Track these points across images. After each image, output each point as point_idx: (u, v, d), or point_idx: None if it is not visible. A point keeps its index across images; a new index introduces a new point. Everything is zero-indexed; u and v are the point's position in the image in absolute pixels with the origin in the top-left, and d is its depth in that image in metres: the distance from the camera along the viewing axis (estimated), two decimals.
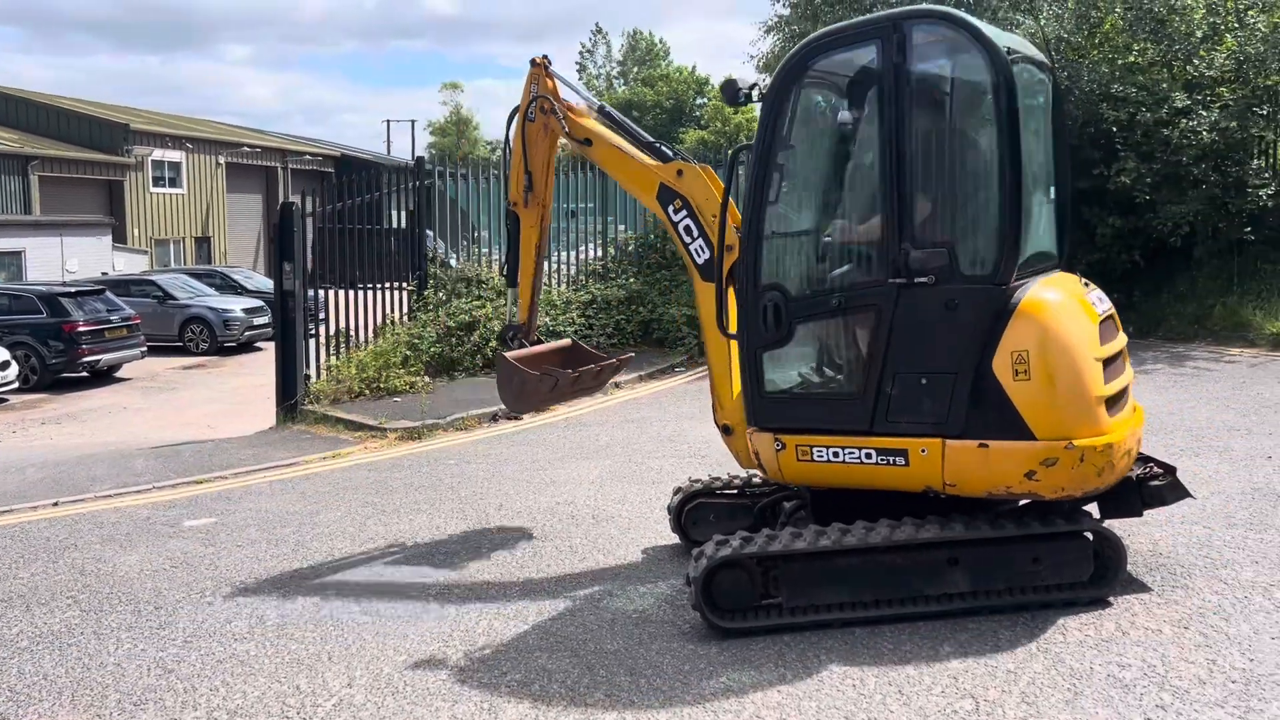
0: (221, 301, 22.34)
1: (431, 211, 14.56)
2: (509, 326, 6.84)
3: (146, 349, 18.73)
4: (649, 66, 72.48)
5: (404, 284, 13.94)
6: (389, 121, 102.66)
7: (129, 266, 29.95)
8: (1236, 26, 14.26)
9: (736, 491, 6.09)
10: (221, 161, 37.79)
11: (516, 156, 6.58)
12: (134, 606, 5.74)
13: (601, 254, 15.79)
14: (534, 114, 6.42)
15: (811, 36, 5.25)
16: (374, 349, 12.72)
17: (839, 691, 4.25)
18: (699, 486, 6.10)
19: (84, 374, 17.49)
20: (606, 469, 8.40)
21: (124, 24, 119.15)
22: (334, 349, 12.74)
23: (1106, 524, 5.02)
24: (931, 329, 4.78)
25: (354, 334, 12.95)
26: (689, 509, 6.07)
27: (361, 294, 13.05)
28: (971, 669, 4.37)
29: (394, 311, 13.51)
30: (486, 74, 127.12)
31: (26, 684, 4.79)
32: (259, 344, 21.32)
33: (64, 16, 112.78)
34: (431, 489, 8.11)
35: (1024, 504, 5.10)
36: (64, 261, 28.22)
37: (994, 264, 4.74)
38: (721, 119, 54.18)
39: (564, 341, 7.21)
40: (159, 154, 34.81)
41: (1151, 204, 13.88)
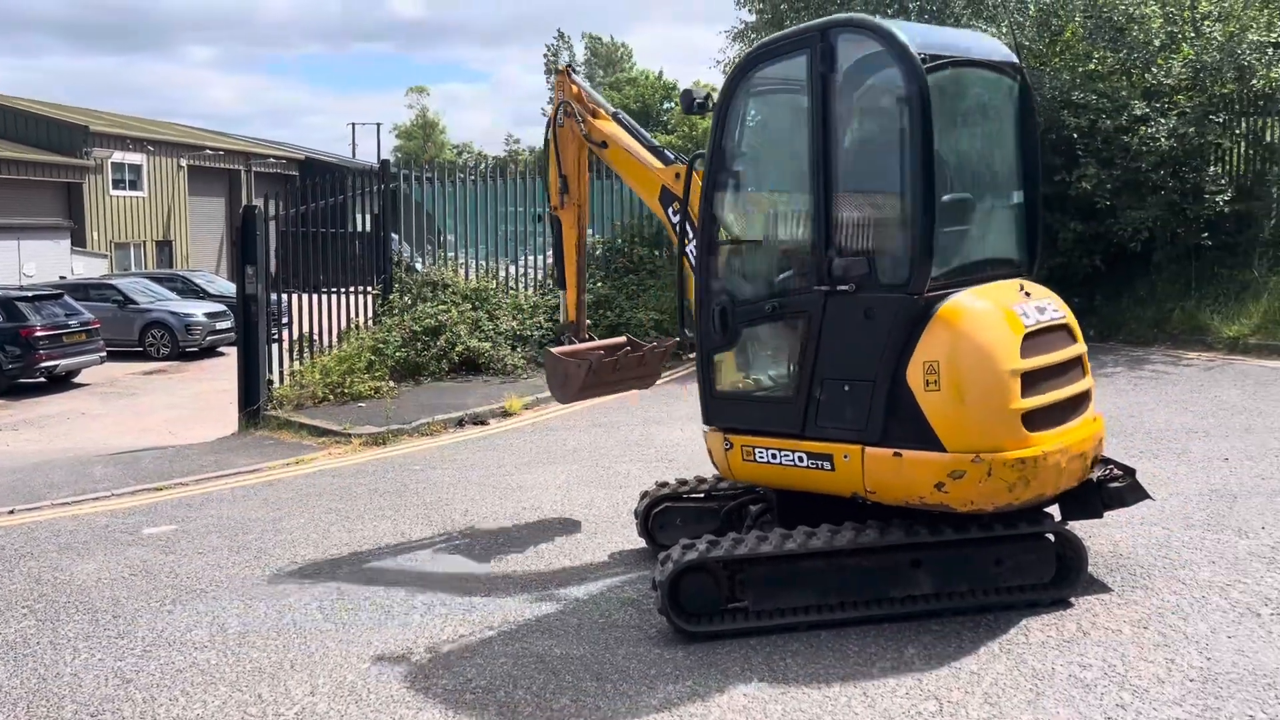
0: (183, 306, 22.03)
1: (397, 215, 14.47)
2: (563, 326, 7.30)
3: (106, 354, 18.43)
4: (613, 71, 72.54)
5: (369, 288, 13.84)
6: (354, 125, 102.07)
7: (88, 270, 29.47)
8: (1193, 35, 14.51)
9: (703, 495, 6.09)
10: (183, 164, 37.33)
11: (551, 161, 6.88)
12: (91, 615, 5.65)
13: None
14: (562, 119, 6.68)
15: (753, 48, 5.37)
16: (338, 354, 12.61)
17: (804, 694, 4.26)
18: (665, 491, 6.10)
19: (41, 380, 17.18)
20: (573, 474, 8.38)
21: (82, 24, 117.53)
22: (297, 354, 12.62)
23: (1068, 526, 5.07)
24: (853, 336, 4.84)
25: (318, 339, 12.83)
26: (656, 513, 6.07)
27: (326, 298, 12.94)
28: (935, 670, 4.40)
29: (359, 316, 13.40)
30: (452, 77, 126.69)
31: None
32: (221, 349, 21.05)
33: (20, 16, 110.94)
34: (396, 495, 8.05)
35: None
36: (21, 265, 27.73)
37: (907, 273, 4.74)
38: (688, 124, 54.30)
39: (618, 339, 7.27)
40: (119, 156, 34.32)
41: (1112, 209, 14.08)
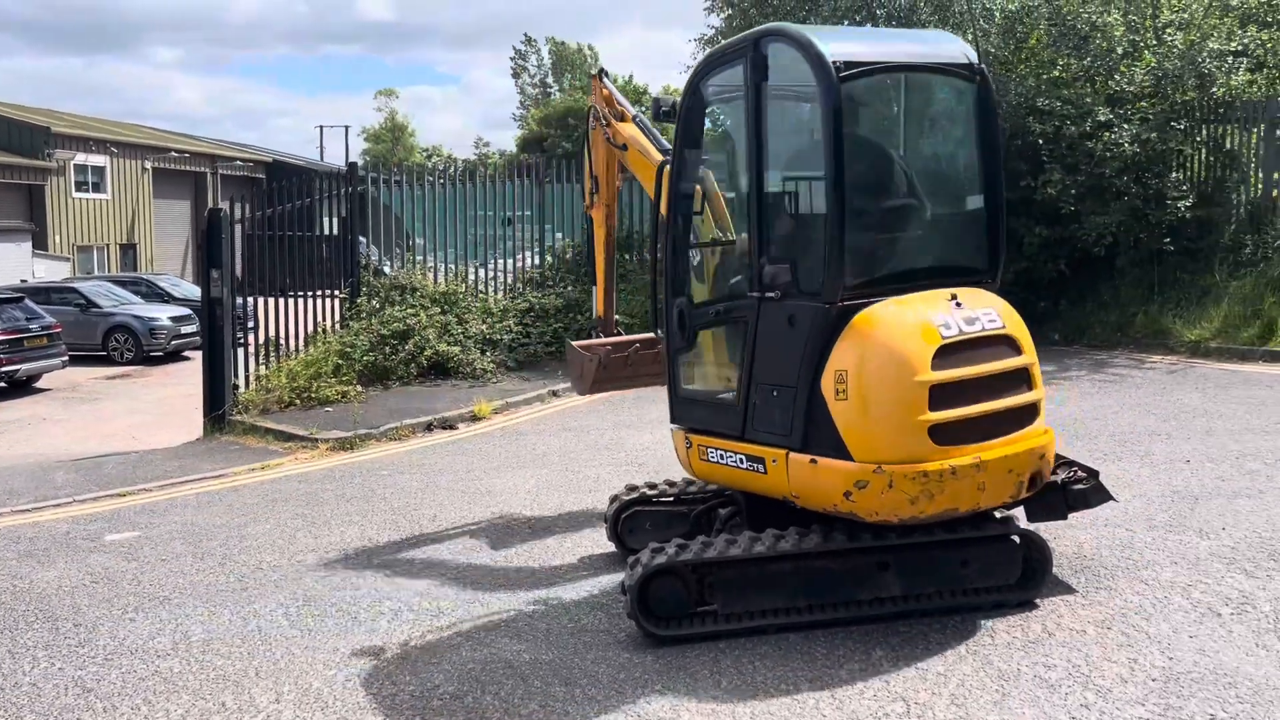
0: (147, 310, 21.76)
1: (365, 218, 14.38)
2: (594, 321, 7.39)
3: (68, 359, 18.17)
4: (580, 75, 72.57)
5: (336, 292, 13.74)
6: (322, 127, 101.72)
7: (50, 274, 29.05)
8: (1155, 44, 14.73)
9: (672, 499, 6.09)
10: (148, 166, 36.90)
11: (586, 162, 7.07)
12: (51, 624, 5.56)
13: (539, 262, 15.75)
14: (593, 122, 6.86)
15: (704, 56, 5.44)
16: (304, 358, 12.50)
17: (773, 697, 4.27)
18: (635, 495, 6.10)
19: (1, 384, 16.92)
20: (543, 478, 8.36)
21: (45, 24, 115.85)
22: (264, 358, 12.50)
23: (1033, 527, 5.12)
24: (779, 343, 4.90)
25: (285, 343, 12.72)
26: (625, 517, 6.06)
27: (293, 302, 12.83)
28: (903, 672, 4.42)
29: (326, 320, 13.30)
30: (422, 80, 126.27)
31: None
32: (187, 353, 20.82)
33: None
34: (364, 500, 7.99)
35: None
36: None
37: (821, 281, 4.79)
38: (658, 128, 54.41)
39: (646, 335, 7.27)
40: (82, 158, 33.87)
41: (1076, 215, 14.24)
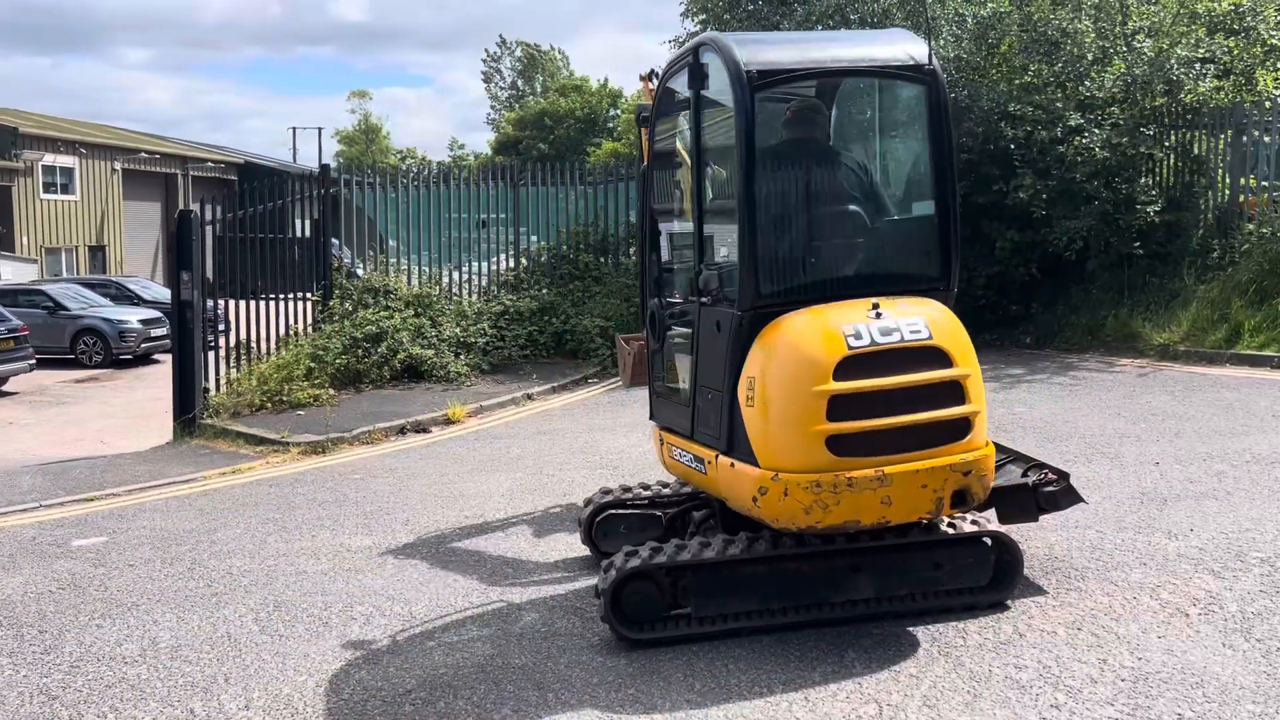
0: (117, 312, 21.54)
1: (338, 220, 14.30)
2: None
3: (35, 362, 17.96)
4: (551, 78, 72.61)
5: (308, 294, 13.65)
6: (295, 129, 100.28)
7: (17, 276, 28.66)
8: (1125, 50, 14.89)
9: (647, 502, 6.09)
10: (117, 167, 36.52)
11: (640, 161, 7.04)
12: (16, 630, 5.48)
13: (514, 265, 15.71)
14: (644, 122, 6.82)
15: (666, 63, 5.52)
16: (276, 361, 12.40)
17: (747, 699, 4.27)
18: (609, 498, 6.08)
19: None
20: (517, 481, 8.33)
21: (10, 24, 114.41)
22: (235, 361, 12.40)
23: (1005, 529, 5.15)
24: (712, 347, 4.99)
25: (256, 346, 12.62)
26: (599, 521, 6.05)
27: (264, 304, 12.74)
28: (875, 674, 4.43)
29: (298, 323, 13.21)
30: (395, 82, 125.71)
31: None
32: (157, 356, 20.62)
33: None
34: (335, 505, 7.93)
35: None
36: None
37: (738, 289, 4.85)
38: (634, 132, 54.52)
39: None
40: (50, 159, 33.46)
41: (1048, 219, 14.36)
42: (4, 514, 8.12)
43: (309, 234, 14.09)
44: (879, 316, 4.65)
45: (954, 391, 4.68)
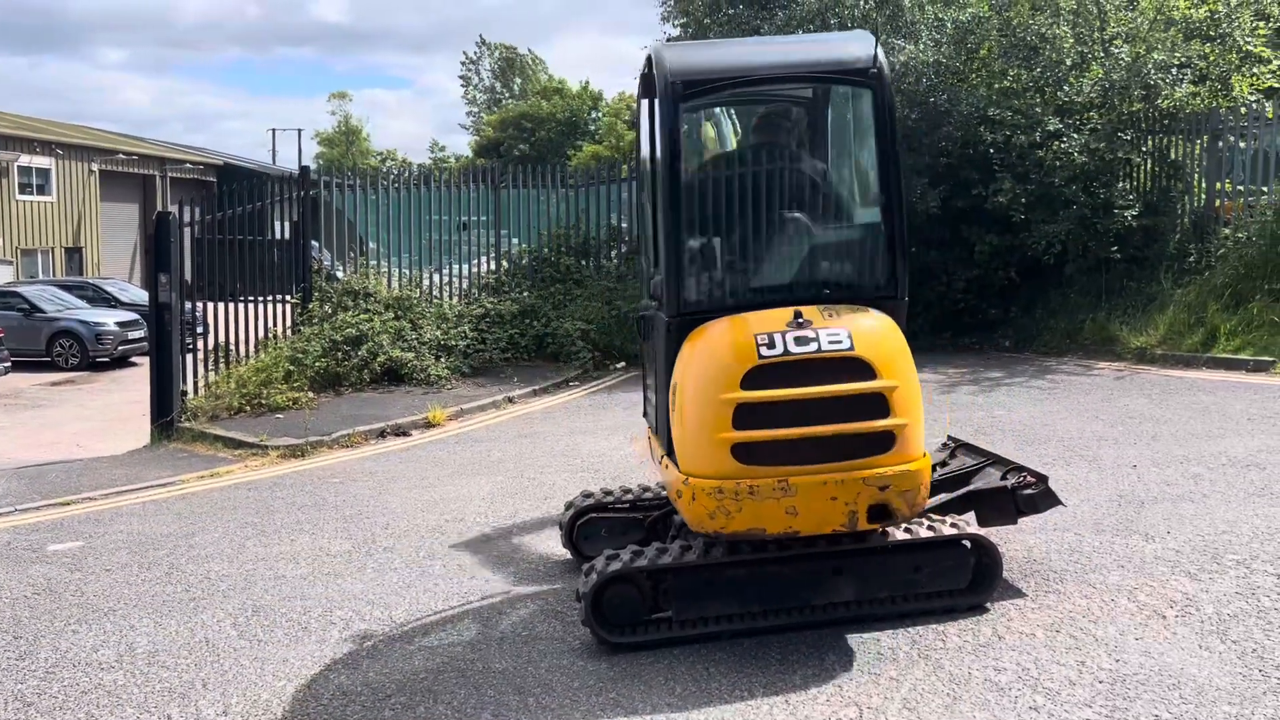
0: (93, 314, 21.37)
1: (318, 222, 14.23)
2: None
3: (10, 364, 17.82)
4: (527, 80, 72.64)
5: (288, 297, 13.58)
6: (274, 130, 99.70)
7: None
8: (1102, 55, 15.01)
9: (628, 505, 6.08)
10: (94, 169, 36.21)
11: None
12: None
13: (494, 267, 15.68)
14: None
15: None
16: (255, 364, 12.33)
17: (727, 703, 4.27)
18: (590, 502, 6.07)
19: None
20: (498, 485, 8.31)
21: None
22: (213, 364, 12.31)
23: (984, 532, 5.17)
24: (658, 351, 5.10)
25: (235, 348, 12.54)
26: (581, 524, 6.04)
27: (243, 307, 12.66)
28: (856, 677, 4.44)
29: (277, 325, 13.13)
30: (376, 83, 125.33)
31: None
32: (134, 359, 20.46)
33: None
34: (315, 508, 7.89)
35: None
36: None
37: (664, 296, 4.93)
38: (615, 134, 54.55)
39: None
40: (25, 159, 33.14)
41: (1026, 223, 14.47)
42: None
43: (288, 236, 14.03)
44: (800, 326, 4.58)
45: (875, 404, 4.56)
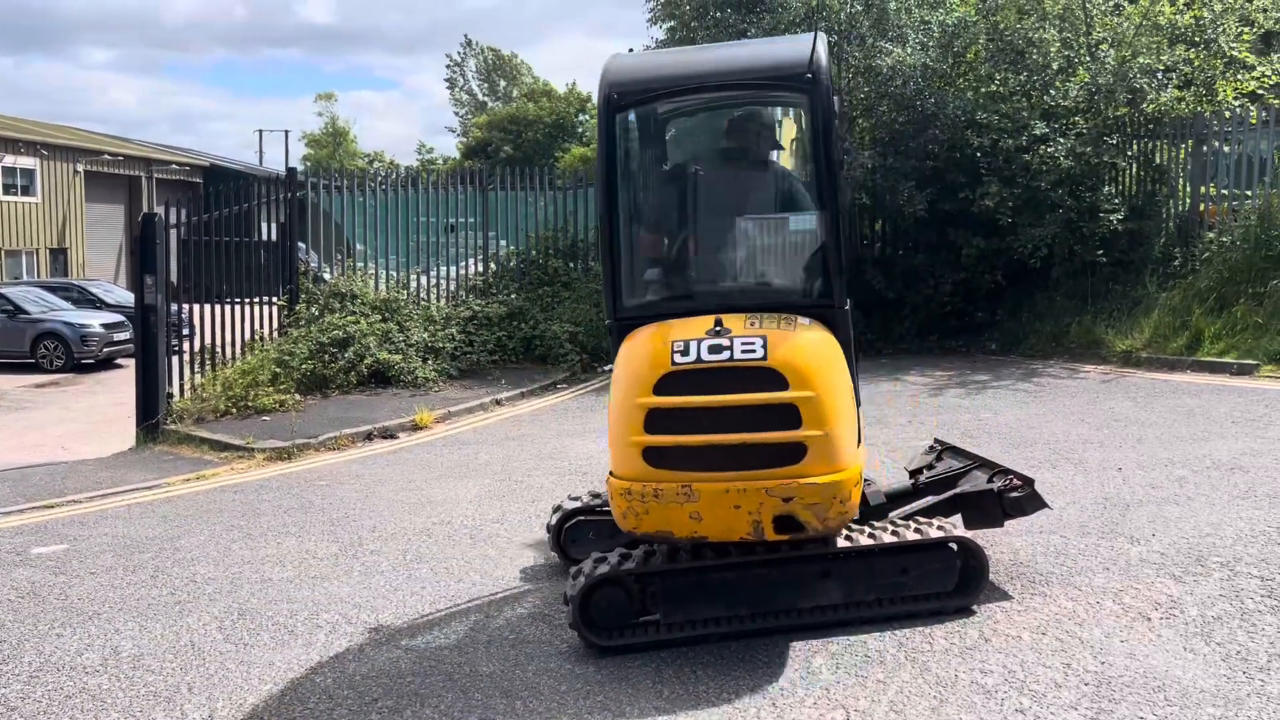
0: (78, 316, 21.23)
1: (304, 224, 14.19)
2: None
3: None
4: (511, 83, 72.59)
5: (274, 299, 13.53)
6: (261, 131, 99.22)
7: None
8: (1089, 60, 15.09)
9: None
10: (80, 169, 36.00)
11: None
12: None
13: (482, 269, 15.66)
14: None
15: None
16: (241, 365, 12.28)
17: (715, 706, 4.27)
18: (578, 504, 6.06)
19: None
20: (485, 487, 8.29)
21: None
22: (199, 366, 12.26)
23: (970, 534, 5.19)
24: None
25: (221, 350, 12.49)
26: (568, 527, 6.03)
27: (230, 309, 12.61)
28: (842, 679, 4.45)
29: (264, 327, 13.08)
30: (363, 85, 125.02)
31: None
32: (120, 361, 20.34)
33: None
34: (301, 511, 7.86)
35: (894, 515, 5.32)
36: None
37: (605, 301, 4.99)
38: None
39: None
40: (10, 160, 32.94)
41: (1013, 226, 14.53)
42: None
43: (275, 238, 13.98)
44: (717, 334, 4.60)
45: (786, 415, 4.51)
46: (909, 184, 14.80)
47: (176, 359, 11.80)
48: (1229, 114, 14.61)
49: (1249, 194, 14.11)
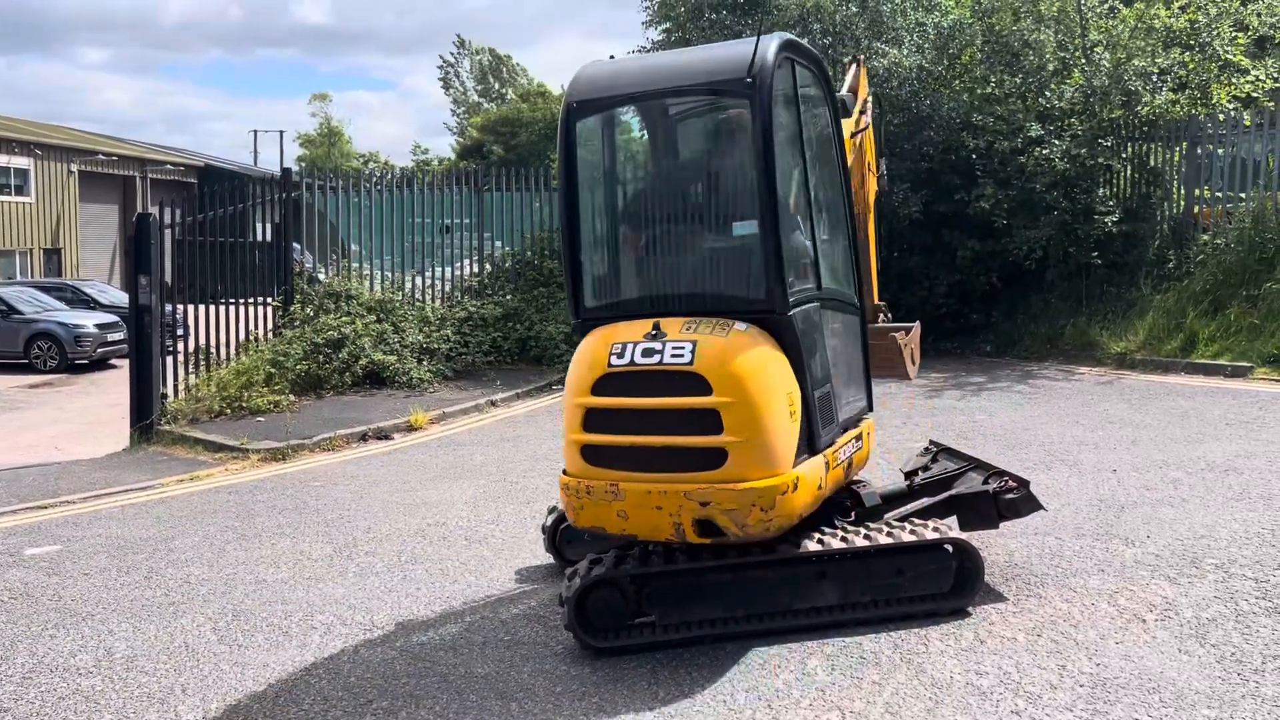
0: (72, 316, 21.15)
1: (299, 224, 14.16)
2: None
3: None
4: (505, 85, 72.52)
5: (269, 299, 13.51)
6: (256, 132, 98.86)
7: None
8: (1084, 62, 15.12)
9: None
10: (74, 169, 35.92)
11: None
12: None
13: (478, 270, 15.65)
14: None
15: None
16: (236, 366, 12.26)
17: (709, 708, 4.27)
18: None
19: None
20: (480, 489, 8.28)
21: None
22: (193, 366, 12.23)
23: (965, 536, 5.19)
24: None
25: (215, 351, 12.47)
26: (564, 528, 6.01)
27: (224, 309, 12.59)
28: (838, 681, 4.45)
29: (258, 328, 13.06)
30: (359, 85, 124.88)
31: None
32: (114, 361, 20.27)
33: None
34: (295, 512, 7.84)
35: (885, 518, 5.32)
36: None
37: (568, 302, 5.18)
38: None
39: (908, 324, 6.99)
40: (3, 160, 32.86)
41: (1008, 228, 14.55)
42: None
43: (270, 238, 13.95)
44: (652, 338, 4.67)
45: (708, 420, 4.53)
46: (904, 186, 14.81)
47: (171, 359, 11.78)
48: (1223, 117, 14.65)
49: (1243, 197, 14.15)
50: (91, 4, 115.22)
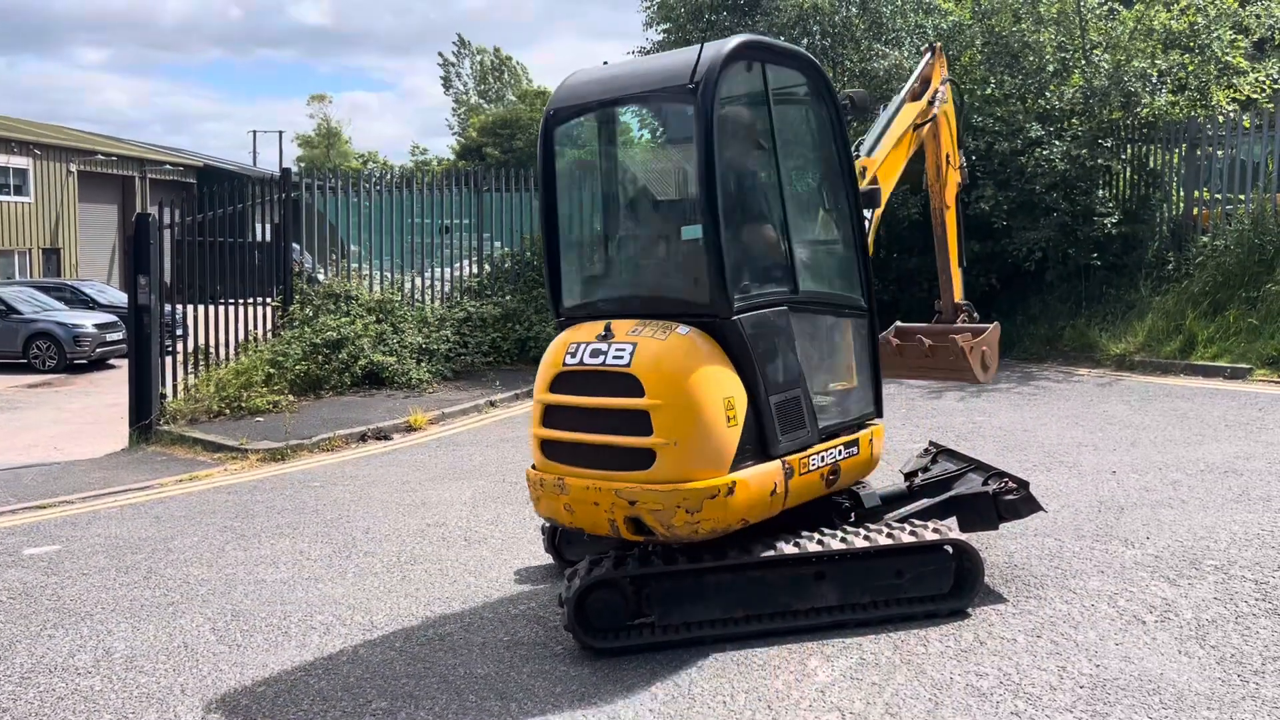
0: (71, 316, 21.15)
1: (299, 225, 14.16)
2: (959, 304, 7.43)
3: None
4: (510, 85, 72.51)
5: (268, 299, 13.50)
6: (255, 132, 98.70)
7: None
8: (1084, 63, 15.13)
9: None
10: (73, 169, 35.91)
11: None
12: None
13: (477, 271, 15.64)
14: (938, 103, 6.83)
15: None
16: (235, 366, 12.26)
17: (709, 709, 4.27)
18: None
19: None
20: (480, 489, 8.28)
21: None
22: (193, 366, 12.23)
23: (965, 537, 5.19)
24: None
25: (215, 351, 12.46)
26: (563, 529, 6.01)
27: (223, 309, 12.58)
28: (838, 682, 4.44)
29: (257, 328, 13.06)
30: (356, 86, 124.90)
31: None
32: (112, 361, 20.28)
33: None
34: (294, 512, 7.83)
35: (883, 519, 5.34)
36: None
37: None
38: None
39: (987, 324, 7.08)
40: (3, 160, 32.85)
41: (1008, 230, 14.55)
42: None
43: (269, 238, 13.94)
44: (602, 339, 4.78)
45: (638, 420, 4.59)
46: (903, 187, 14.79)
47: (170, 359, 11.78)
48: (1222, 119, 14.66)
49: (1242, 198, 14.16)
50: (90, 4, 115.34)
